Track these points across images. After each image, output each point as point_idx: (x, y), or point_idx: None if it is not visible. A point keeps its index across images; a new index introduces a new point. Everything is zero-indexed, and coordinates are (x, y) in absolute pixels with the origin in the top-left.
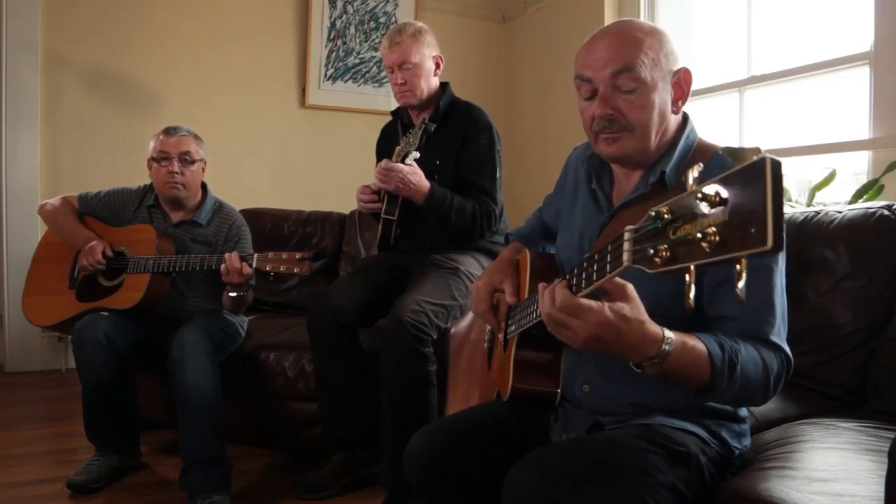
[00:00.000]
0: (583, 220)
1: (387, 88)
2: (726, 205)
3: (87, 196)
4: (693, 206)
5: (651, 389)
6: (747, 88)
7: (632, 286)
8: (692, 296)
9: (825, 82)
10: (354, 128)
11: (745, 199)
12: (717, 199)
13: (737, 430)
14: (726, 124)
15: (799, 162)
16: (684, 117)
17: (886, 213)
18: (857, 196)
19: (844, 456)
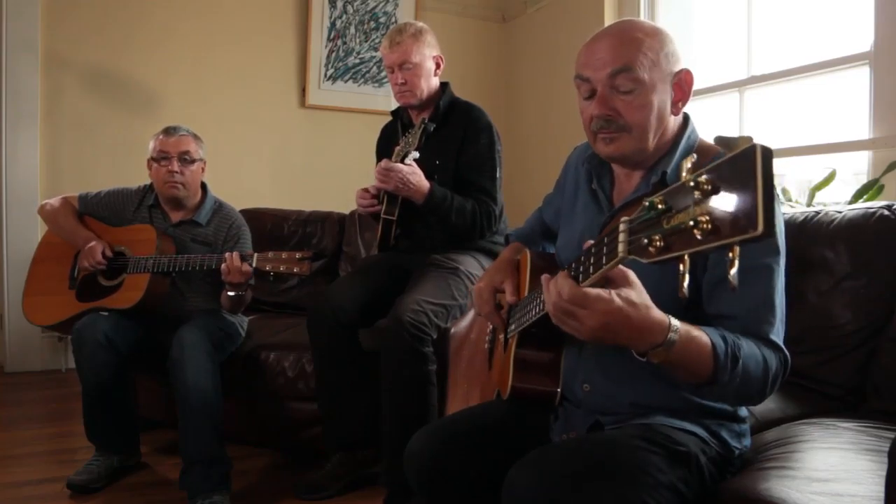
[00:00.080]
0: (583, 220)
1: (387, 88)
2: (718, 193)
3: (87, 196)
4: (686, 195)
5: (651, 389)
6: (747, 88)
7: (633, 273)
8: (686, 284)
9: (825, 82)
10: (354, 128)
11: (736, 186)
12: (709, 188)
13: (737, 430)
14: (726, 124)
15: (799, 162)
16: (685, 118)
17: (886, 213)
18: (857, 196)
19: (844, 456)
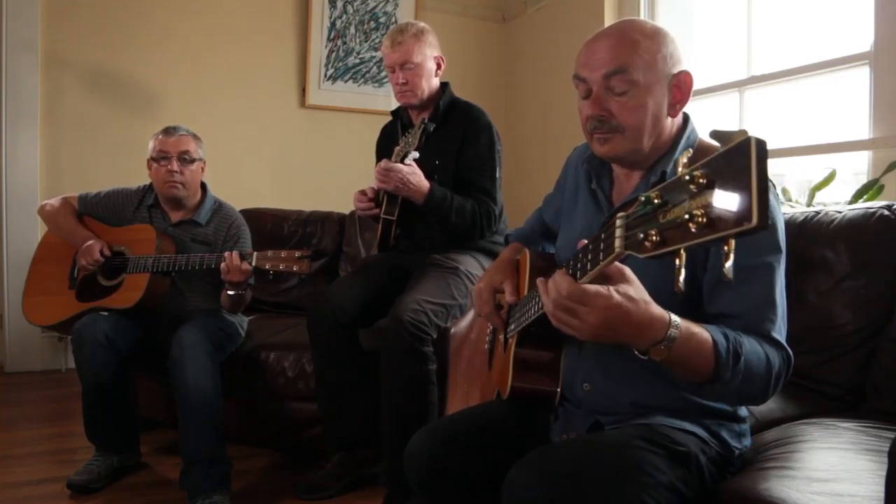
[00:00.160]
0: (583, 221)
1: (387, 88)
2: (713, 186)
3: (86, 196)
4: (682, 189)
5: (651, 389)
6: (747, 88)
7: (630, 269)
8: (682, 279)
9: (825, 82)
10: (354, 128)
11: (731, 179)
12: (704, 182)
13: (737, 430)
14: (726, 124)
15: (799, 162)
16: (685, 118)
17: (886, 213)
18: (857, 196)
19: (844, 456)
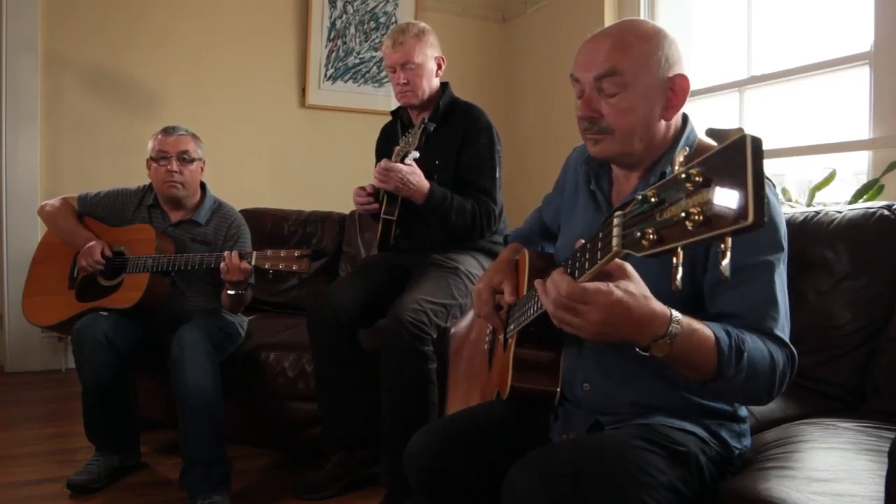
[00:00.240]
0: (583, 221)
1: (387, 88)
2: (709, 184)
3: (86, 197)
4: (678, 187)
5: (651, 388)
6: (747, 88)
7: (630, 265)
8: (679, 277)
9: (825, 82)
10: (354, 128)
11: (727, 177)
12: (701, 180)
13: (737, 430)
14: (726, 124)
15: (799, 162)
16: (684, 118)
17: (886, 213)
18: (857, 196)
19: (844, 456)
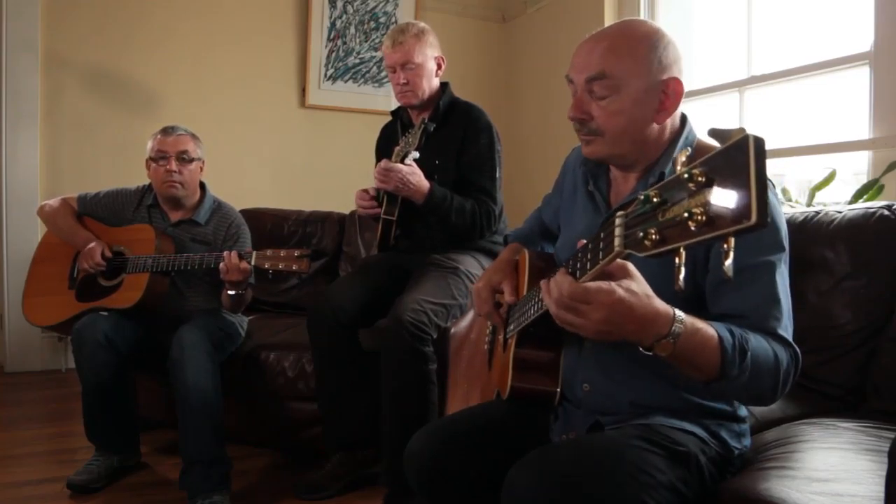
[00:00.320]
0: (582, 222)
1: (387, 88)
2: (712, 184)
3: (86, 197)
4: (681, 187)
5: (651, 388)
6: (747, 88)
7: (631, 264)
8: (682, 277)
9: (825, 82)
10: (354, 128)
11: (730, 177)
12: (703, 180)
13: (736, 430)
14: (726, 124)
15: (799, 162)
16: (683, 118)
17: (886, 213)
18: (857, 196)
19: (844, 456)
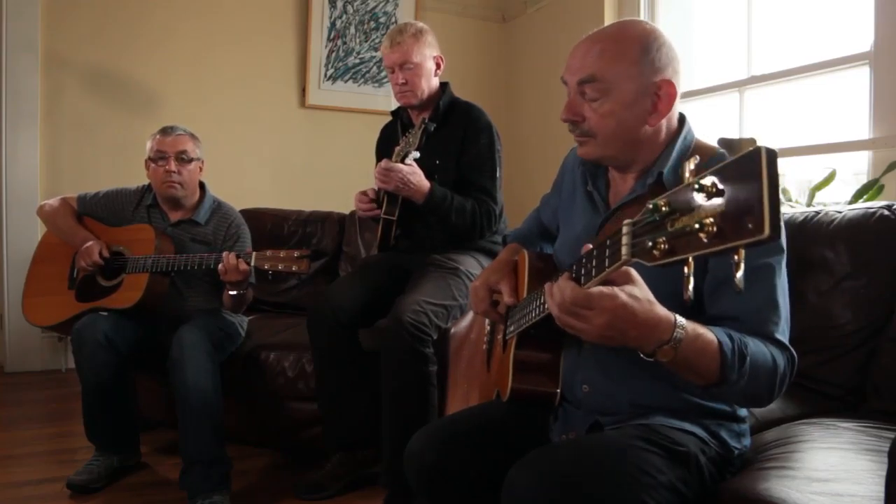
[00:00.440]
0: (581, 222)
1: (387, 88)
2: (723, 195)
3: (85, 197)
4: (690, 197)
5: (651, 389)
6: (747, 88)
7: (634, 270)
8: (691, 287)
9: (825, 82)
10: (354, 128)
11: (742, 188)
12: (714, 190)
13: (736, 430)
14: (726, 124)
15: (799, 162)
16: (681, 119)
17: (886, 213)
18: (857, 196)
19: (844, 456)
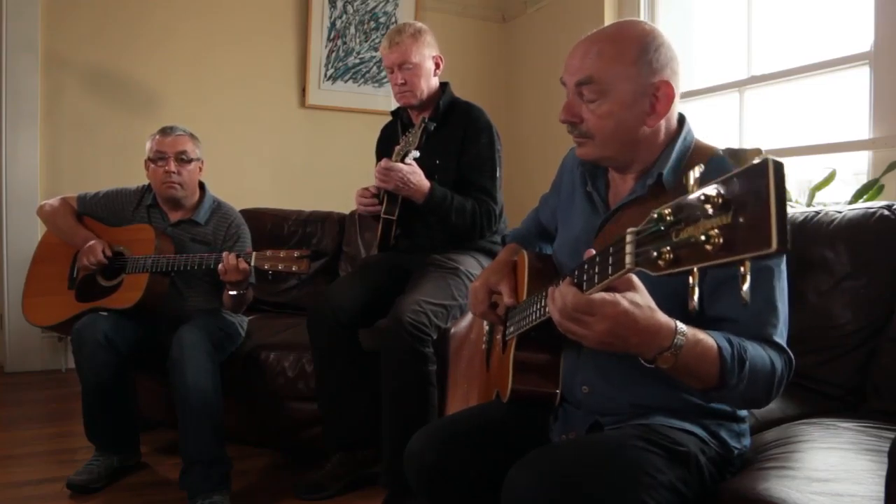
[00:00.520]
0: (580, 222)
1: (387, 88)
2: (729, 207)
3: (85, 196)
4: (695, 207)
5: (650, 390)
6: (747, 88)
7: (636, 277)
8: (696, 298)
9: (825, 82)
10: (354, 128)
11: (749, 200)
12: (720, 201)
13: (736, 430)
14: (726, 124)
15: (799, 162)
16: (681, 119)
17: (886, 213)
18: (857, 196)
19: (844, 456)
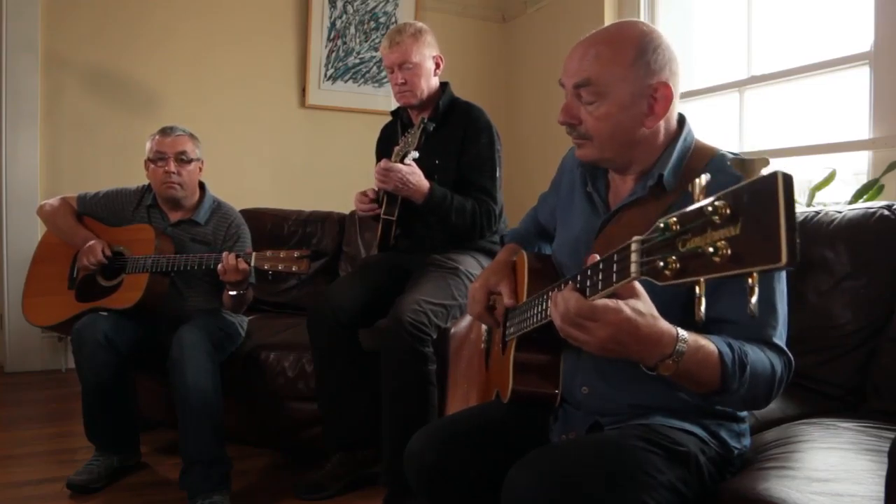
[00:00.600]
0: (580, 223)
1: (387, 88)
2: (737, 218)
3: (85, 196)
4: (702, 218)
5: (650, 390)
6: (747, 88)
7: (639, 284)
8: (703, 309)
9: (825, 82)
10: (354, 128)
11: (757, 213)
12: (728, 213)
13: (736, 430)
14: (726, 124)
15: (799, 162)
16: (681, 120)
17: (886, 213)
18: (857, 196)
19: (844, 456)
